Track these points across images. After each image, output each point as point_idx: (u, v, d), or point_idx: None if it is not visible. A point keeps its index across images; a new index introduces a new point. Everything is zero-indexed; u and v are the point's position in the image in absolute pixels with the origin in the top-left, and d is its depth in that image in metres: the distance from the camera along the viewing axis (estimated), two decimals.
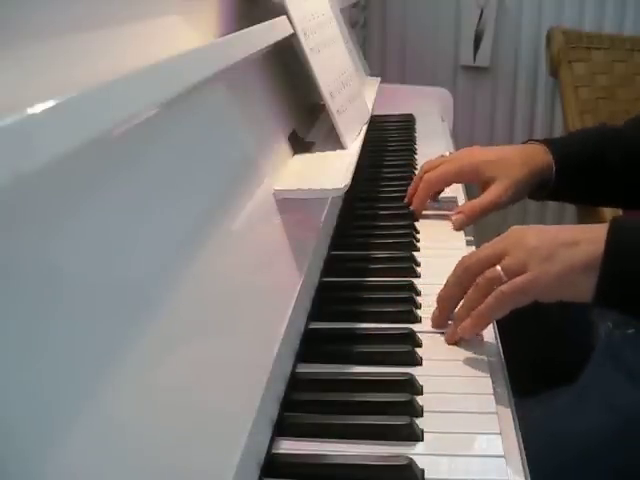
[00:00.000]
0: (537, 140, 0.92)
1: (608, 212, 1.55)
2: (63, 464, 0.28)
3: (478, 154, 0.91)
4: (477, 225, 0.90)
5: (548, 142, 0.91)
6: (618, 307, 0.63)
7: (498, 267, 0.60)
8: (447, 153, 0.97)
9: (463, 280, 0.63)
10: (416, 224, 0.89)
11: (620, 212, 1.32)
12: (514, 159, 0.88)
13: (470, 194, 0.97)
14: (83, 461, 0.29)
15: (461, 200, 0.96)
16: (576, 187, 0.92)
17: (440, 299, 0.65)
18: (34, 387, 0.28)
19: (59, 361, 0.30)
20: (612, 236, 0.58)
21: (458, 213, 0.88)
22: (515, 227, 0.65)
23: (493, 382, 0.57)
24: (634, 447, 0.65)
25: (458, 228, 0.87)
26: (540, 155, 0.88)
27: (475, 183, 0.92)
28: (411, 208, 0.92)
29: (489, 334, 0.64)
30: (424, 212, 0.92)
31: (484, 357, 0.60)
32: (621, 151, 0.89)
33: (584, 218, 1.68)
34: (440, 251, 0.82)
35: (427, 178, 0.91)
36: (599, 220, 1.58)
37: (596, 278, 0.58)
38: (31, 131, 0.27)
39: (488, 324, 0.62)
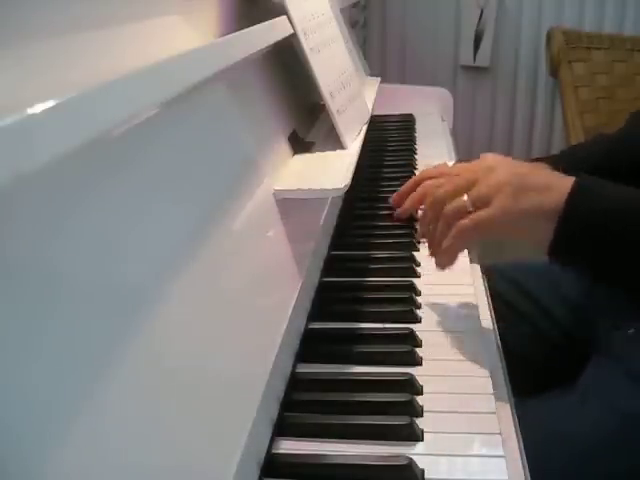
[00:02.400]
0: (540, 159, 0.89)
1: None
2: (62, 464, 0.28)
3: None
4: None
5: (552, 162, 0.85)
6: (568, 262, 0.64)
7: (465, 197, 0.61)
8: (449, 163, 0.92)
9: (433, 217, 0.65)
10: (416, 224, 0.89)
11: None
12: None
13: None
14: (83, 461, 0.29)
15: None
16: None
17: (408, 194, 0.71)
18: (34, 387, 0.28)
19: (58, 361, 0.30)
20: (573, 194, 0.58)
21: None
22: (488, 155, 0.66)
23: (493, 382, 0.57)
24: (634, 447, 0.65)
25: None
26: None
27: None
28: (397, 211, 0.86)
29: (489, 334, 0.64)
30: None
31: (484, 357, 0.60)
32: (626, 162, 0.88)
33: None
34: None
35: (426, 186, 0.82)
36: None
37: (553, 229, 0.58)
38: (31, 131, 0.27)
39: (458, 254, 0.64)
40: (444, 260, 0.64)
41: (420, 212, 0.84)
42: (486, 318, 0.67)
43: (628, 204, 0.60)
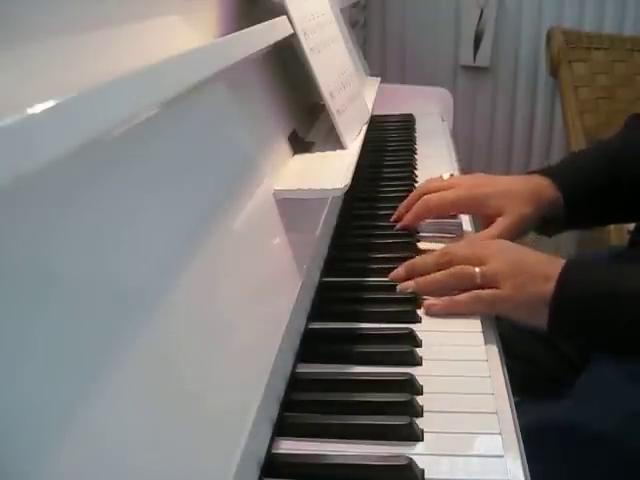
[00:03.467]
0: (539, 171, 0.88)
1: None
2: (62, 464, 0.28)
3: (484, 184, 0.85)
4: (475, 228, 0.89)
5: (552, 175, 0.87)
6: (567, 340, 0.73)
7: (477, 269, 0.67)
8: (447, 175, 0.91)
9: (441, 265, 0.70)
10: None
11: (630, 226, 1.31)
12: (523, 194, 0.83)
13: (477, 219, 0.90)
14: (82, 461, 0.29)
15: (465, 224, 0.88)
16: (587, 216, 0.89)
17: (409, 268, 0.72)
18: (32, 388, 0.28)
19: (57, 361, 0.30)
20: (561, 285, 0.65)
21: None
22: (501, 240, 0.74)
23: (493, 382, 0.57)
24: (634, 447, 0.65)
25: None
26: (547, 191, 0.85)
27: (477, 214, 0.87)
28: (398, 226, 0.85)
29: (489, 334, 0.64)
30: (423, 234, 0.85)
31: (484, 357, 0.60)
32: (627, 173, 0.88)
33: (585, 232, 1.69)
34: None
35: (426, 200, 0.84)
36: (602, 232, 1.58)
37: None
38: (31, 131, 0.27)
39: (451, 312, 0.67)
40: (437, 309, 0.67)
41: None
42: (486, 318, 0.67)
43: (611, 288, 0.65)
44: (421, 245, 0.83)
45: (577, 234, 1.90)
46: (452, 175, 0.94)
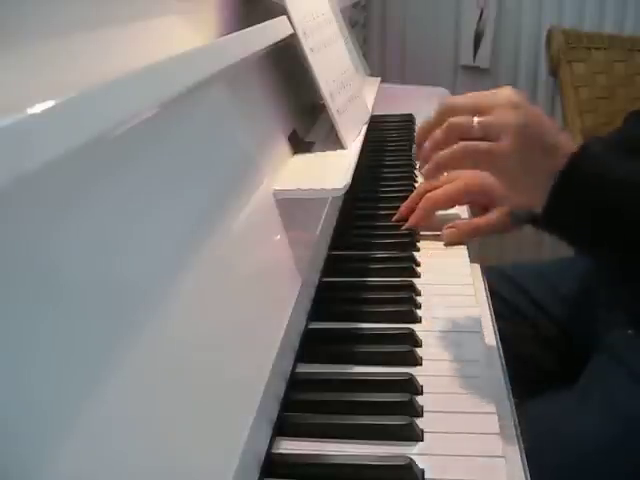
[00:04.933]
0: None
1: None
2: (62, 464, 0.28)
3: (485, 175, 0.88)
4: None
5: None
6: (556, 227, 0.62)
7: (475, 119, 0.59)
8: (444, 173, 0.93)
9: (444, 117, 0.62)
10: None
11: None
12: None
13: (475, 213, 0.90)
14: (82, 462, 0.29)
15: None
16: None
17: (420, 134, 0.64)
18: (33, 387, 0.28)
19: (58, 361, 0.30)
20: (574, 157, 0.58)
21: (450, 227, 0.83)
22: (510, 88, 0.63)
23: (493, 382, 0.57)
24: (635, 447, 0.65)
25: (448, 243, 0.82)
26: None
27: (480, 205, 0.87)
28: (405, 225, 0.85)
29: (489, 334, 0.64)
30: (424, 232, 0.85)
31: (484, 357, 0.60)
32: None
33: None
34: (440, 251, 0.82)
35: (430, 196, 0.84)
36: None
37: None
38: (31, 131, 0.27)
39: (444, 171, 0.62)
40: (429, 171, 0.60)
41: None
42: (486, 318, 0.67)
43: (627, 175, 0.58)
44: (421, 245, 0.83)
45: None
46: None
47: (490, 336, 0.64)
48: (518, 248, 2.03)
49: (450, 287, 0.72)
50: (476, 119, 0.59)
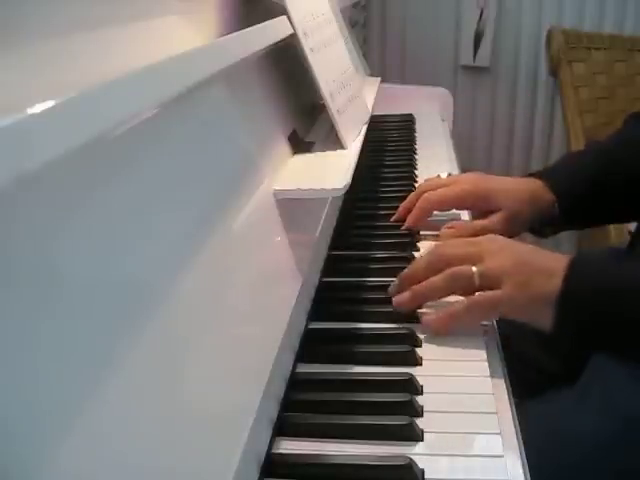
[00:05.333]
0: (535, 174, 0.90)
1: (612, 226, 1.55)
2: (62, 464, 0.28)
3: (484, 180, 0.87)
4: None
5: (546, 178, 0.88)
6: (572, 343, 0.66)
7: (474, 268, 0.63)
8: (445, 174, 0.93)
9: (435, 268, 0.65)
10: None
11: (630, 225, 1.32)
12: (521, 193, 0.85)
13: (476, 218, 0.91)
14: (82, 462, 0.29)
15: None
16: (582, 217, 0.90)
17: (405, 277, 0.67)
18: (35, 387, 0.28)
19: (59, 361, 0.30)
20: (568, 282, 0.61)
21: (450, 227, 0.84)
22: (493, 235, 0.68)
23: (493, 382, 0.57)
24: (635, 447, 0.65)
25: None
26: (542, 193, 0.86)
27: (476, 210, 0.87)
28: (404, 226, 0.85)
29: (490, 333, 0.64)
30: (424, 232, 0.86)
31: (484, 357, 0.60)
32: (621, 175, 0.88)
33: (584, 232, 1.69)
34: None
35: (427, 197, 0.85)
36: (602, 232, 1.58)
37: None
38: (31, 131, 0.27)
39: (453, 327, 0.63)
40: (434, 324, 0.63)
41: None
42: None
43: (618, 285, 0.62)
44: (421, 245, 0.83)
45: (577, 234, 1.90)
46: (450, 174, 0.95)
47: (490, 336, 0.64)
48: None
49: None
50: (474, 269, 0.63)
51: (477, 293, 0.63)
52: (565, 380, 0.75)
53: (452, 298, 0.66)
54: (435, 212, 0.87)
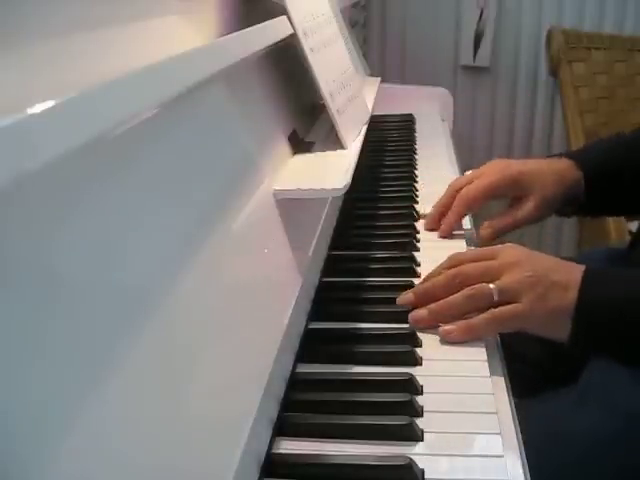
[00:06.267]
0: (560, 154, 0.91)
1: (610, 220, 1.55)
2: (63, 465, 0.28)
3: (511, 164, 0.88)
4: (476, 226, 0.89)
5: (574, 156, 0.89)
6: (590, 352, 0.68)
7: (492, 286, 0.63)
8: (468, 172, 0.92)
9: (453, 286, 0.65)
10: (416, 224, 0.89)
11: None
12: (549, 175, 0.86)
13: (477, 218, 0.91)
14: (82, 461, 0.29)
15: (465, 221, 0.88)
16: (605, 199, 0.90)
17: (422, 293, 0.67)
18: (34, 388, 0.28)
19: (59, 362, 0.30)
20: (583, 294, 0.62)
21: (487, 227, 0.85)
22: (510, 245, 0.68)
23: (493, 382, 0.57)
24: (635, 447, 0.65)
25: (485, 242, 0.84)
26: (571, 171, 0.87)
27: (509, 196, 0.88)
28: (441, 234, 0.85)
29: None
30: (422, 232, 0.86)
31: (484, 357, 0.60)
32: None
33: (585, 223, 1.69)
34: (440, 251, 0.82)
35: (464, 194, 0.85)
36: (602, 225, 1.59)
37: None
38: (31, 131, 0.27)
39: (472, 339, 0.63)
40: (454, 335, 0.63)
41: None
42: None
43: (635, 295, 0.63)
44: (421, 245, 0.83)
45: (577, 233, 1.90)
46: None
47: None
48: None
49: None
50: (492, 286, 0.63)
51: (497, 308, 0.63)
52: (565, 380, 0.75)
53: None
54: None
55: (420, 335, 0.63)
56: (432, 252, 0.81)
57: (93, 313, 0.33)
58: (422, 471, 0.46)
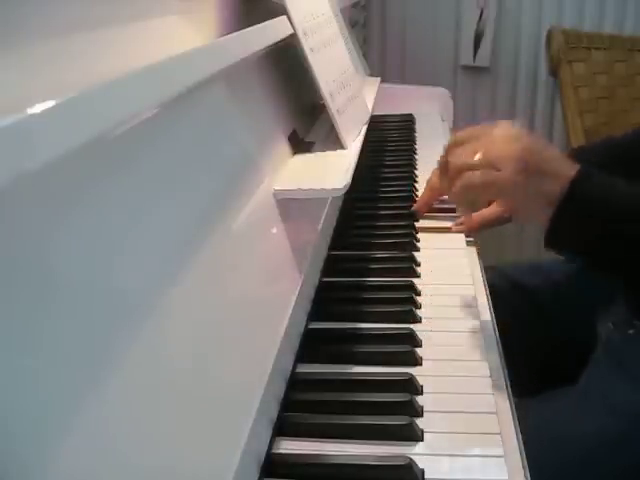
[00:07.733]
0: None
1: None
2: (63, 464, 0.28)
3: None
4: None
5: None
6: (562, 248, 0.66)
7: (477, 156, 0.62)
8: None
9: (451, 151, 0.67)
10: (416, 224, 0.89)
11: None
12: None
13: None
14: (82, 461, 0.29)
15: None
16: None
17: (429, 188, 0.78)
18: (34, 388, 0.28)
19: (58, 362, 0.30)
20: (574, 182, 0.60)
21: (459, 224, 0.86)
22: (507, 123, 0.66)
23: (493, 382, 0.57)
24: (635, 447, 0.65)
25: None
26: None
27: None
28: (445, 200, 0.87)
29: (489, 334, 0.64)
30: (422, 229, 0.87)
31: (484, 357, 0.60)
32: (624, 165, 0.88)
33: None
34: (440, 251, 0.82)
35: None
36: None
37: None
38: (31, 131, 0.27)
39: (465, 206, 0.66)
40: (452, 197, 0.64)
41: None
42: (486, 318, 0.67)
43: (626, 198, 0.61)
44: (421, 245, 0.83)
45: None
46: None
47: (490, 336, 0.64)
48: (518, 248, 2.03)
49: (450, 287, 0.72)
50: (477, 156, 0.62)
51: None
52: (565, 380, 0.75)
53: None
54: None
55: (420, 335, 0.63)
56: (432, 252, 0.81)
57: (93, 313, 0.33)
58: (422, 471, 0.46)
